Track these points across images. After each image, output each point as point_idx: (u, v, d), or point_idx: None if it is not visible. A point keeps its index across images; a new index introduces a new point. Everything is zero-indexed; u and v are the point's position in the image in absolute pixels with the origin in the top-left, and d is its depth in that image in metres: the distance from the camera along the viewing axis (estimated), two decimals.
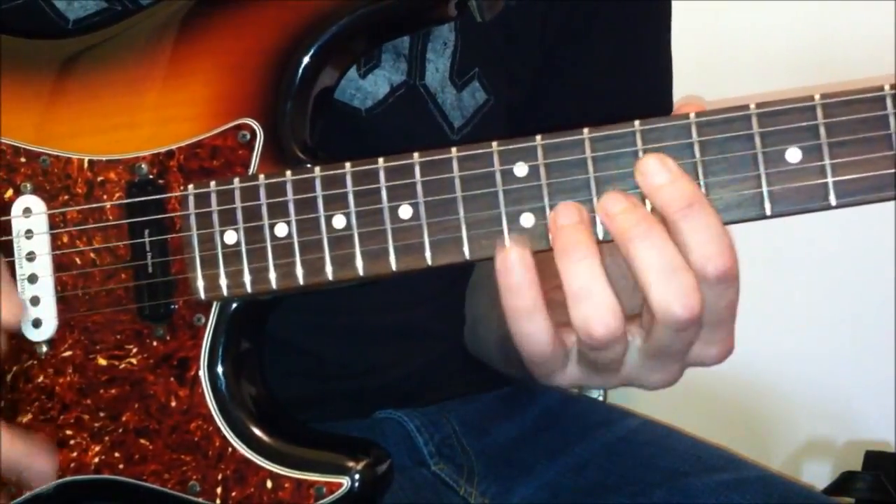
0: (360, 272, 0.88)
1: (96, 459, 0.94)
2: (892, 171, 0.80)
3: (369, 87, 1.11)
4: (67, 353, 0.95)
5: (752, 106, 0.82)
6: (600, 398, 1.44)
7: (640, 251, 0.81)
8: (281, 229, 0.90)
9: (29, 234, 0.96)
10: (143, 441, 0.94)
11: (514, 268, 0.83)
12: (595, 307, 0.81)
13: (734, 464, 1.16)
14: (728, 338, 0.86)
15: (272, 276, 0.90)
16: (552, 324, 0.84)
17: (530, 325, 0.84)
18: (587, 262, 0.82)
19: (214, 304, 0.93)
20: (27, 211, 0.96)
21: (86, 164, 0.96)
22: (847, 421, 1.93)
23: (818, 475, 1.89)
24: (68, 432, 0.95)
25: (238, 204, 0.91)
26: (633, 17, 1.22)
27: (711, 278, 0.81)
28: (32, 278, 0.95)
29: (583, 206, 0.84)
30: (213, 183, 0.92)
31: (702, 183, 0.83)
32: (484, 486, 1.18)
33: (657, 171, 0.82)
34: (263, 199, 0.91)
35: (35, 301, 0.96)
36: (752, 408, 1.92)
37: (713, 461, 1.16)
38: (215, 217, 0.92)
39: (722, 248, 0.81)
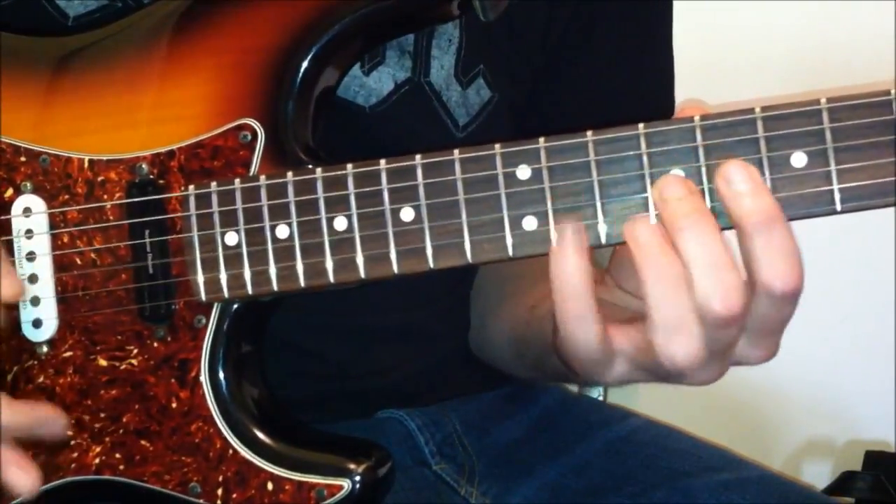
0: (362, 275, 0.88)
1: (97, 460, 0.94)
2: None
3: (373, 84, 1.11)
4: (68, 354, 0.95)
5: (758, 110, 0.81)
6: (600, 398, 1.44)
7: (688, 243, 0.80)
8: (282, 231, 0.90)
9: (29, 233, 0.96)
10: (143, 442, 0.94)
11: (571, 273, 0.81)
12: (687, 340, 0.80)
13: (734, 464, 1.16)
14: (775, 344, 0.85)
15: (273, 278, 0.90)
16: (602, 328, 0.83)
17: (582, 330, 0.82)
18: (683, 291, 0.80)
19: (215, 305, 0.92)
20: (27, 210, 0.96)
21: (86, 164, 0.95)
22: (847, 421, 1.93)
23: (818, 475, 1.89)
24: (69, 433, 0.94)
25: (239, 205, 0.91)
26: (635, 18, 1.22)
27: (777, 295, 0.80)
28: (33, 278, 0.95)
29: (587, 209, 0.84)
30: (213, 184, 0.92)
31: (706, 187, 0.82)
32: (485, 486, 1.18)
33: (741, 180, 0.80)
34: (264, 201, 0.90)
35: (35, 301, 0.95)
36: (752, 408, 1.92)
37: (713, 461, 1.16)
38: (216, 218, 0.91)
39: (793, 267, 0.79)
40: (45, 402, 0.93)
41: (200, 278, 0.92)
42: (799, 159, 0.81)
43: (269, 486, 0.91)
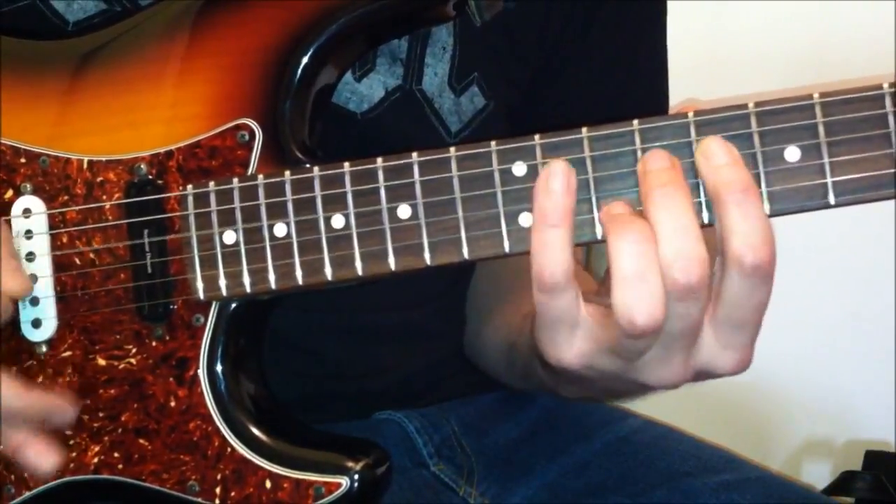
0: (360, 272, 0.88)
1: (95, 460, 0.95)
2: (892, 169, 0.80)
3: (365, 90, 1.11)
4: (67, 354, 0.95)
5: (751, 105, 0.82)
6: None
7: (658, 209, 0.80)
8: (280, 229, 0.90)
9: (29, 234, 0.96)
10: (142, 441, 0.94)
11: (557, 173, 0.81)
12: (646, 294, 0.79)
13: (734, 464, 1.17)
14: (747, 347, 0.84)
15: (271, 276, 0.90)
16: (573, 247, 0.82)
17: (553, 234, 0.81)
18: (645, 245, 0.80)
19: (213, 304, 0.93)
20: (27, 211, 0.96)
21: (85, 165, 0.96)
22: (847, 421, 1.92)
23: (818, 475, 1.89)
24: (67, 432, 0.95)
25: (237, 204, 0.91)
26: (629, 20, 1.22)
27: (747, 268, 0.80)
28: (32, 278, 0.95)
29: (582, 205, 0.84)
30: (211, 183, 0.92)
31: (701, 182, 0.83)
32: (484, 487, 1.18)
33: (719, 153, 0.81)
34: (262, 199, 0.91)
35: (35, 301, 0.96)
36: (752, 408, 1.92)
37: (713, 461, 1.16)
38: (214, 217, 0.92)
39: (765, 241, 0.80)
40: (53, 393, 0.94)
41: (199, 277, 0.92)
42: (792, 154, 0.82)
43: (268, 483, 0.91)
